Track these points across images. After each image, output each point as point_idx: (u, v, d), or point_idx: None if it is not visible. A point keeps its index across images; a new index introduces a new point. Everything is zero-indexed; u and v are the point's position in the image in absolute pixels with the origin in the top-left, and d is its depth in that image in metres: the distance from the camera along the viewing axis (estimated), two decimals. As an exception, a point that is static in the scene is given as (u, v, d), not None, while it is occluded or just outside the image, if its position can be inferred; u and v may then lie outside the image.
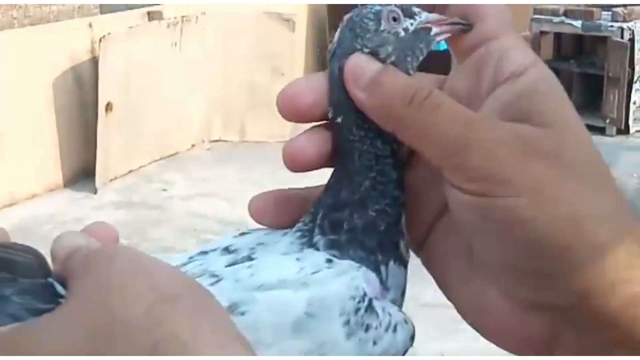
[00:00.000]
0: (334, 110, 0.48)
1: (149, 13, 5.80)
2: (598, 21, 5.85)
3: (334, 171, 0.50)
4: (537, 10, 6.17)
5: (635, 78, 5.77)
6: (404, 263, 0.49)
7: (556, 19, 6.04)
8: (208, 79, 5.91)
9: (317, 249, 0.49)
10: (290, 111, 0.48)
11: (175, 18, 5.65)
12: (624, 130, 5.87)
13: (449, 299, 0.49)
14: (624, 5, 5.96)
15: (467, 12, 0.47)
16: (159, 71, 5.52)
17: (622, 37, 5.70)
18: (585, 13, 5.95)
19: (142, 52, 5.37)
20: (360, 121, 0.47)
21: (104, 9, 5.90)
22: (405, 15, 0.47)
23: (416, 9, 0.48)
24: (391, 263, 0.48)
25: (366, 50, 0.46)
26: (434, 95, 0.44)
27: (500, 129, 0.43)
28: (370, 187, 0.48)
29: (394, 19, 0.47)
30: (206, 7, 6.04)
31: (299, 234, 0.51)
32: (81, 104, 5.32)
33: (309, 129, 0.49)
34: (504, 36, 0.46)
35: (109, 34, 5.13)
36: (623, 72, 5.71)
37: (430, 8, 0.49)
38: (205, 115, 6.01)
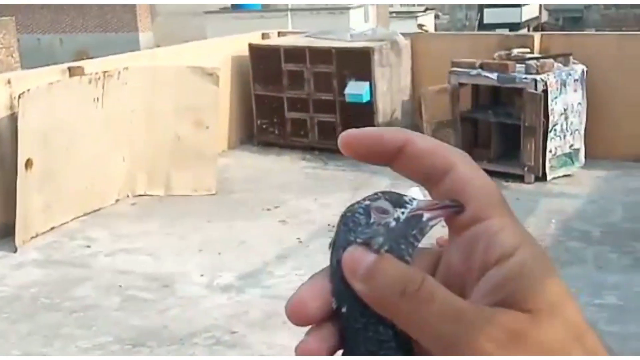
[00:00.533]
0: (338, 300, 0.50)
1: (69, 69, 5.75)
2: (513, 73, 6.07)
3: (342, 353, 0.51)
4: (455, 63, 6.36)
5: (550, 127, 5.99)
6: None
7: (473, 72, 6.24)
8: (131, 133, 5.86)
9: None
10: (300, 319, 0.50)
11: (96, 73, 5.61)
12: (542, 178, 6.06)
13: None
14: (537, 58, 6.21)
15: (456, 194, 0.49)
16: (80, 126, 5.45)
17: (535, 89, 5.91)
18: (500, 66, 6.16)
19: (63, 108, 5.30)
20: (363, 309, 0.48)
21: (25, 65, 5.81)
22: (395, 206, 0.49)
23: (408, 198, 0.50)
24: None
25: (359, 241, 0.49)
26: (426, 286, 0.46)
27: (488, 324, 0.45)
28: None
29: (383, 212, 0.49)
30: (128, 62, 6.02)
31: None
32: (0, 161, 5.20)
33: (316, 328, 0.50)
34: (493, 217, 0.48)
35: (28, 90, 5.05)
36: (538, 122, 5.92)
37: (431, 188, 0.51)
38: (129, 170, 5.94)
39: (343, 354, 0.50)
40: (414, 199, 0.50)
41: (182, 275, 4.65)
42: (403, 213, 0.49)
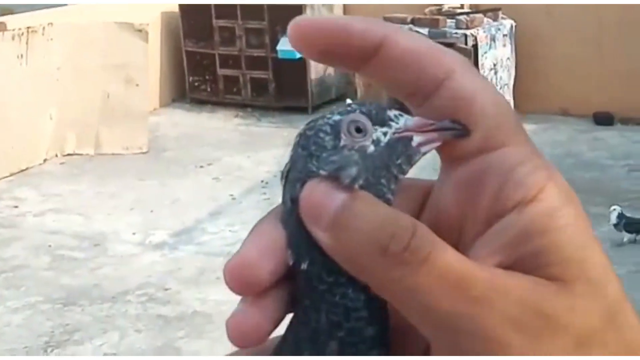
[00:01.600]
0: (296, 254, 0.36)
1: (-8, 24, 5.57)
2: (443, 28, 6.10)
3: (290, 327, 0.38)
4: (387, 19, 6.36)
5: (479, 82, 6.06)
6: None
7: (405, 27, 6.25)
8: (58, 91, 5.71)
9: None
10: (246, 289, 0.36)
11: (20, 29, 5.44)
12: (472, 132, 6.15)
13: None
14: (467, 13, 6.26)
15: (459, 110, 0.35)
16: (4, 84, 5.30)
17: (466, 44, 5.97)
18: (431, 21, 6.19)
19: (-14, 65, 5.14)
20: (332, 264, 0.35)
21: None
22: (375, 123, 0.36)
23: (392, 113, 0.36)
24: None
25: (323, 173, 0.35)
26: (417, 242, 0.33)
27: (505, 299, 0.32)
28: (337, 352, 0.36)
29: (358, 130, 0.36)
30: (54, 17, 5.85)
31: None
32: None
33: (258, 297, 0.37)
34: (508, 145, 0.35)
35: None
36: (468, 77, 5.98)
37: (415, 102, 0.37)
38: (57, 129, 5.81)
39: (290, 324, 0.38)
40: (401, 114, 0.36)
41: (114, 234, 4.60)
42: (385, 134, 0.36)
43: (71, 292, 3.93)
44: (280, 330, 0.38)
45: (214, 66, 7.15)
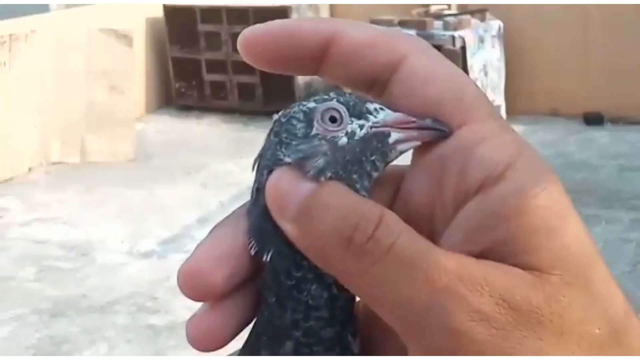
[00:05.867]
0: (258, 244, 0.34)
1: (-27, 32, 5.49)
2: (431, 30, 6.07)
3: (254, 325, 0.36)
4: (374, 21, 6.32)
5: (468, 83, 6.04)
6: None
7: (394, 29, 6.22)
8: (42, 99, 5.64)
9: None
10: (200, 295, 0.34)
11: (2, 37, 5.36)
12: (461, 134, 6.12)
13: None
14: (454, 15, 6.23)
15: (410, 96, 0.33)
16: (-13, 92, 5.23)
17: (453, 45, 5.93)
18: (418, 23, 6.16)
19: (-32, 73, 5.06)
20: (301, 259, 0.33)
21: None
22: (352, 115, 0.34)
23: (373, 106, 0.34)
24: None
25: (288, 161, 0.33)
26: (382, 231, 0.31)
27: (473, 291, 0.29)
28: (292, 352, 0.34)
29: (332, 120, 0.33)
30: (36, 24, 5.78)
31: None
32: None
33: (218, 301, 0.35)
34: (471, 122, 0.32)
35: None
36: (457, 78, 5.96)
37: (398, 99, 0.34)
38: (41, 137, 5.72)
39: (255, 323, 0.36)
40: (382, 108, 0.34)
41: (101, 243, 4.53)
42: (362, 127, 0.34)
43: (58, 303, 3.85)
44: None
45: (200, 72, 7.09)
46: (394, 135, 0.34)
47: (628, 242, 4.22)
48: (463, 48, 5.94)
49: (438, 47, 6.23)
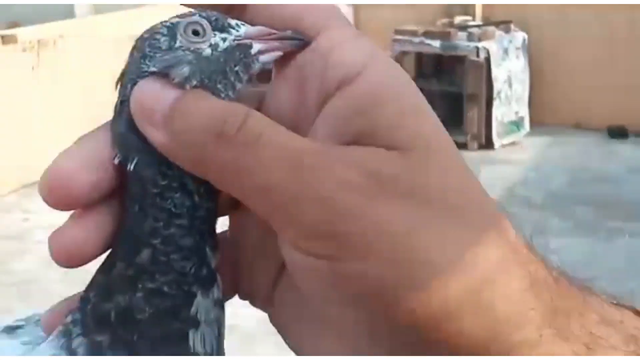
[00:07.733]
0: (122, 153, 0.35)
1: (2, 37, 5.55)
2: (455, 41, 6.08)
3: (115, 235, 0.37)
4: (398, 31, 6.35)
5: (494, 94, 6.03)
6: None
7: (416, 40, 6.23)
8: (70, 103, 5.70)
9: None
10: (64, 202, 0.35)
11: (30, 42, 5.44)
12: (487, 146, 6.11)
13: None
14: (479, 26, 6.23)
15: (282, 15, 0.35)
16: (17, 96, 5.29)
17: (477, 56, 5.94)
18: (442, 34, 6.17)
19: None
20: (166, 168, 0.35)
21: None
22: (215, 29, 0.35)
23: (234, 22, 0.36)
24: None
25: (154, 69, 0.35)
26: (250, 123, 0.32)
27: (340, 164, 0.32)
28: (148, 260, 0.35)
29: (195, 33, 0.35)
30: (64, 30, 5.85)
31: (59, 334, 0.38)
32: None
33: (84, 212, 0.35)
34: (329, 29, 0.35)
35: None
36: (481, 90, 5.95)
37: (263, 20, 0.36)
38: (69, 141, 5.77)
39: (116, 236, 0.36)
40: (243, 24, 0.36)
41: (125, 247, 4.57)
42: (224, 40, 0.35)
43: (83, 305, 3.89)
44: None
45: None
46: (256, 47, 0.35)
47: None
48: (487, 59, 5.94)
49: (462, 59, 6.26)
